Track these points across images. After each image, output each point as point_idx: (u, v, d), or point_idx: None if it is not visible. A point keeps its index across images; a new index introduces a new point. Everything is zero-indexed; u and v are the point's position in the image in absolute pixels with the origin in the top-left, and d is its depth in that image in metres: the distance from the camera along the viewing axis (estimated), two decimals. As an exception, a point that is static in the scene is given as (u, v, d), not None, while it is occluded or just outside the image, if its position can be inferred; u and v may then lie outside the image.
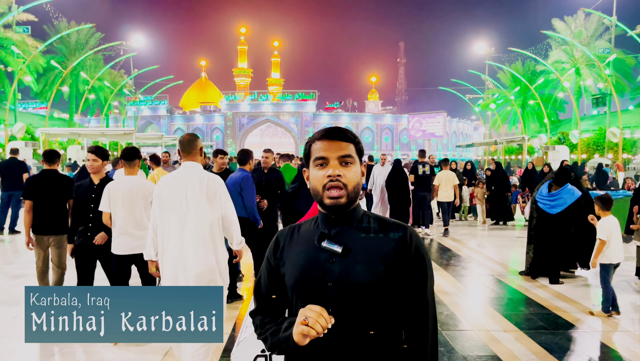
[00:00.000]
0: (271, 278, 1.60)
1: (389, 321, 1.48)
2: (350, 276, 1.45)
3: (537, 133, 39.73)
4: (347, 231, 1.51)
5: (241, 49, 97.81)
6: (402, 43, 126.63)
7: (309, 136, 1.60)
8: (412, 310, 1.49)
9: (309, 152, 1.55)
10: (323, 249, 1.48)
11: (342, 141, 1.51)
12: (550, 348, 4.46)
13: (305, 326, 1.34)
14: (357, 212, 1.55)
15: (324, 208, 1.50)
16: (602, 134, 30.42)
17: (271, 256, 1.61)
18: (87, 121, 53.18)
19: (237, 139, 60.36)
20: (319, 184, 1.49)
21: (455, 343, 4.60)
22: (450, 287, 6.58)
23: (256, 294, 1.65)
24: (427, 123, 51.27)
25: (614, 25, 31.48)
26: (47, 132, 19.03)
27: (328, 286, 1.45)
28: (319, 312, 1.35)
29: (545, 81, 39.95)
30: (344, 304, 1.44)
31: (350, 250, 1.46)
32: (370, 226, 1.53)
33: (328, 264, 1.47)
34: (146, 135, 36.38)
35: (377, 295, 1.45)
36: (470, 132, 70.94)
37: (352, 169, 1.50)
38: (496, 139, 25.98)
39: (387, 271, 1.46)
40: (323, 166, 1.49)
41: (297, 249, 1.55)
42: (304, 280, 1.49)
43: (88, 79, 37.74)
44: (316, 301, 1.43)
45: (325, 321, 1.34)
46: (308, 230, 1.58)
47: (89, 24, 34.05)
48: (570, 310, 5.56)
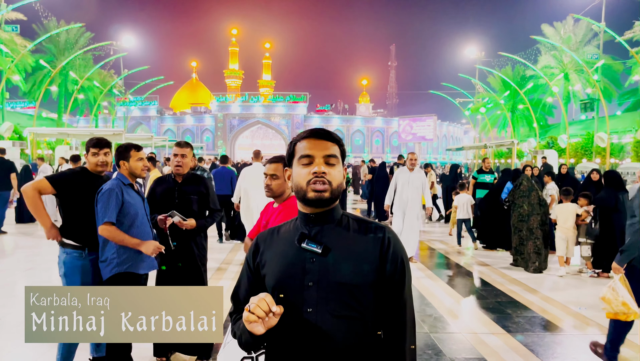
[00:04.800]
0: (250, 280, 1.61)
1: (368, 321, 1.49)
2: (330, 275, 1.46)
3: (526, 137, 40.05)
4: (327, 231, 1.53)
5: (232, 51, 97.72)
6: (393, 46, 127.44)
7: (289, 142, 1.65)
8: (389, 310, 1.51)
9: (293, 151, 1.57)
10: (303, 250, 1.49)
11: (327, 141, 1.54)
12: (537, 351, 4.52)
13: (247, 312, 1.37)
14: (337, 212, 1.56)
15: (307, 202, 1.51)
16: (590, 139, 30.76)
17: (250, 258, 1.62)
18: (76, 121, 52.74)
19: (228, 140, 60.20)
20: (303, 180, 1.50)
21: (443, 345, 4.64)
22: (439, 290, 6.63)
23: (234, 296, 1.66)
24: (418, 126, 51.49)
25: (602, 31, 31.85)
26: (35, 132, 18.82)
27: (309, 285, 1.46)
28: (262, 297, 1.37)
29: (535, 85, 40.35)
30: (325, 303, 1.45)
31: (330, 250, 1.48)
32: (350, 226, 1.55)
33: (308, 264, 1.48)
34: (136, 136, 36.09)
35: (357, 294, 1.46)
36: (460, 136, 71.35)
37: (337, 168, 1.53)
38: (486, 143, 26.12)
39: (367, 270, 1.47)
40: (308, 164, 1.51)
41: (278, 250, 1.56)
42: (285, 280, 1.49)
43: (77, 79, 37.48)
44: (297, 300, 1.46)
45: (265, 305, 1.36)
46: (288, 231, 1.59)
47: (78, 24, 33.83)
48: (557, 312, 5.63)
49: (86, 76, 36.75)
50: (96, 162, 3.69)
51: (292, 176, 1.56)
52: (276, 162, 2.99)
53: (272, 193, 2.96)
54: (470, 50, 44.91)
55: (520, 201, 8.09)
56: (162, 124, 62.08)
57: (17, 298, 5.93)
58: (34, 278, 7.00)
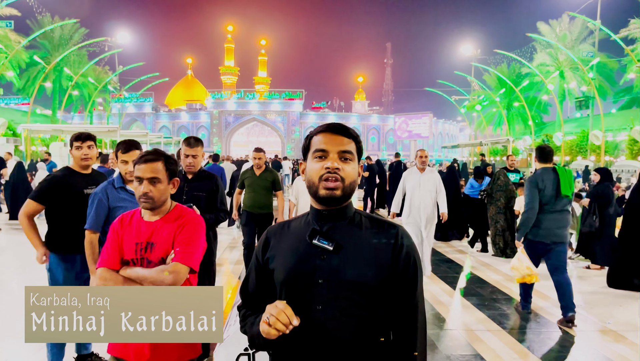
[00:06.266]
0: (259, 274, 1.59)
1: (378, 321, 1.47)
2: (341, 273, 1.44)
3: (522, 135, 40.20)
4: (339, 228, 1.50)
5: (228, 47, 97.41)
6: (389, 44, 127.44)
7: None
8: (400, 311, 1.48)
9: (309, 145, 1.54)
10: (314, 246, 1.47)
11: (344, 137, 1.51)
12: (532, 347, 4.55)
13: (267, 325, 1.36)
14: (349, 209, 1.54)
15: (318, 200, 1.49)
16: (585, 137, 30.91)
17: (260, 252, 1.60)
18: (70, 117, 52.51)
19: (223, 137, 60.07)
20: (316, 175, 1.47)
21: (439, 342, 4.66)
22: (434, 286, 6.65)
23: (243, 290, 1.64)
24: (414, 124, 51.48)
25: (597, 29, 31.93)
26: (29, 128, 18.79)
27: (318, 283, 1.44)
28: (282, 309, 1.36)
29: (530, 83, 40.47)
30: (334, 301, 1.43)
31: (342, 247, 1.46)
32: (362, 224, 1.53)
33: (319, 261, 1.45)
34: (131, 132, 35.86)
35: (367, 293, 1.44)
36: (456, 134, 71.44)
37: (351, 165, 1.49)
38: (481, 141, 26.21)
39: (378, 269, 1.45)
40: (322, 158, 1.48)
41: (288, 245, 1.54)
42: (294, 276, 1.48)
43: (72, 75, 37.26)
44: (306, 297, 1.44)
45: (286, 318, 1.34)
46: (299, 226, 1.57)
47: (73, 20, 33.75)
48: (553, 309, 5.66)
49: (81, 72, 36.62)
50: (80, 156, 3.60)
51: (305, 170, 1.54)
52: (152, 161, 2.27)
53: (151, 203, 2.24)
54: (466, 47, 44.98)
55: (497, 195, 8.72)
56: (157, 120, 61.83)
57: (11, 296, 5.91)
58: (28, 276, 6.97)
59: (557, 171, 5.23)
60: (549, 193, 5.16)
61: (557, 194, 5.16)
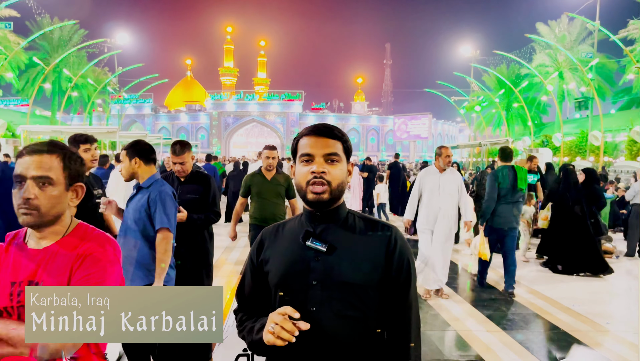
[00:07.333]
0: (254, 276, 1.59)
1: (372, 321, 1.47)
2: (334, 274, 1.44)
3: (521, 136, 40.18)
4: (332, 229, 1.50)
5: (227, 48, 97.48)
6: (388, 45, 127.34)
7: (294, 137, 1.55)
8: (394, 312, 1.49)
9: (296, 148, 1.54)
10: (308, 247, 1.47)
11: (329, 138, 1.50)
12: (531, 348, 4.55)
13: (272, 335, 1.35)
14: (342, 210, 1.54)
15: (307, 203, 1.49)
16: (584, 138, 30.89)
17: (254, 254, 1.60)
18: (69, 119, 52.47)
19: (223, 138, 60.08)
20: (303, 180, 1.47)
21: (439, 343, 4.66)
22: (435, 288, 6.65)
23: (239, 293, 1.64)
24: (413, 125, 51.61)
25: (596, 30, 31.94)
26: (29, 129, 18.77)
27: (312, 284, 1.44)
28: (285, 317, 1.35)
29: (529, 84, 40.46)
30: (328, 302, 1.43)
31: (335, 248, 1.46)
32: (356, 224, 1.53)
33: (313, 262, 1.46)
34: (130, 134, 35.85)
35: (361, 294, 1.45)
36: (455, 134, 71.51)
37: (338, 167, 1.49)
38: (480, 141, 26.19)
39: (372, 270, 1.46)
40: (308, 162, 1.48)
41: (282, 246, 1.54)
42: (289, 278, 1.48)
43: (71, 77, 37.23)
44: (300, 299, 1.44)
45: (291, 326, 1.33)
46: (292, 228, 1.57)
47: (72, 21, 33.63)
48: (551, 309, 5.67)
49: (80, 73, 36.56)
50: (90, 158, 3.59)
51: (294, 173, 1.54)
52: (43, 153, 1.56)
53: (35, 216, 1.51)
54: (465, 48, 44.96)
55: (483, 194, 8.71)
56: (156, 122, 61.85)
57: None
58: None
59: (515, 169, 6.31)
60: (506, 186, 6.19)
61: (513, 188, 6.21)
